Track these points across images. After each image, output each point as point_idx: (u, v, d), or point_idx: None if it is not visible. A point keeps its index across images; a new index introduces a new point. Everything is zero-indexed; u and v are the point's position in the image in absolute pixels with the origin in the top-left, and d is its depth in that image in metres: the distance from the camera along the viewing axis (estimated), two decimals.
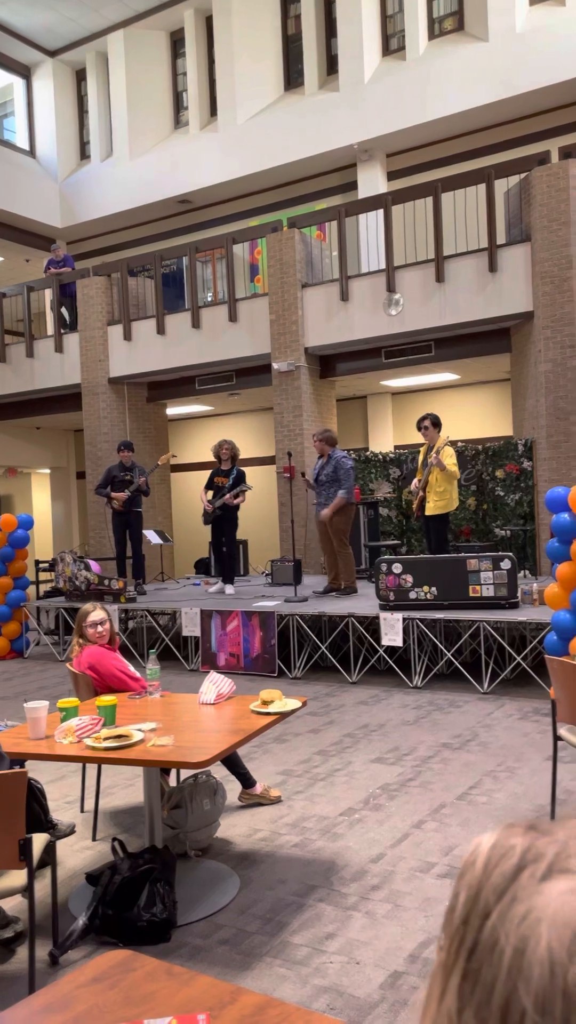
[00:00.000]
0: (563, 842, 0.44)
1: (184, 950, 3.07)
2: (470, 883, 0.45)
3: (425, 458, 7.93)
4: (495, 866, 0.44)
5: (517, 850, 0.44)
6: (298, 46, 13.16)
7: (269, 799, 4.50)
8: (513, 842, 0.45)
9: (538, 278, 8.86)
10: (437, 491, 7.75)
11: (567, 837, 0.45)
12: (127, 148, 14.39)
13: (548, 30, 10.71)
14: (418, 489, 7.92)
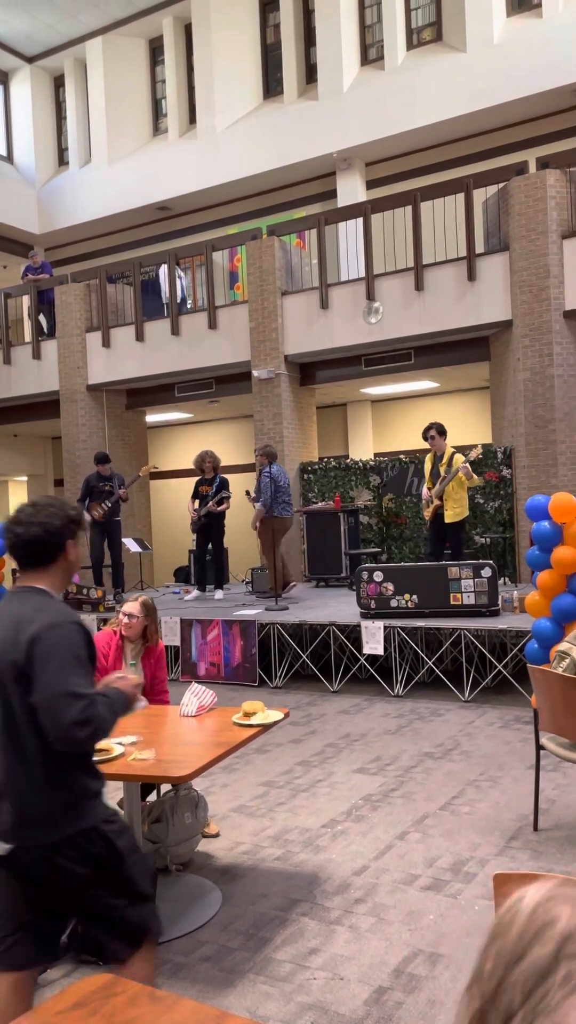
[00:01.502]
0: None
1: (166, 967, 3.02)
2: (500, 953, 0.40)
3: (434, 467, 8.00)
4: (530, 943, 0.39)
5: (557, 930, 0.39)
6: (277, 55, 13.18)
7: (208, 834, 4.18)
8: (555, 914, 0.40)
9: (516, 287, 8.92)
10: (455, 499, 7.88)
11: None
12: (105, 155, 14.34)
13: (525, 41, 10.81)
14: (432, 497, 7.97)
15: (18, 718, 2.08)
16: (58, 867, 2.09)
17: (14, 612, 2.15)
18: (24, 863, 2.11)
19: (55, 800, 2.10)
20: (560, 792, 4.60)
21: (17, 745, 2.09)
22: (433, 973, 2.89)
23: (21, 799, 2.09)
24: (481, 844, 3.96)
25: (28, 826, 2.09)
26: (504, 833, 4.08)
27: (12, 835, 2.10)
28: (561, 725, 3.81)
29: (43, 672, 2.03)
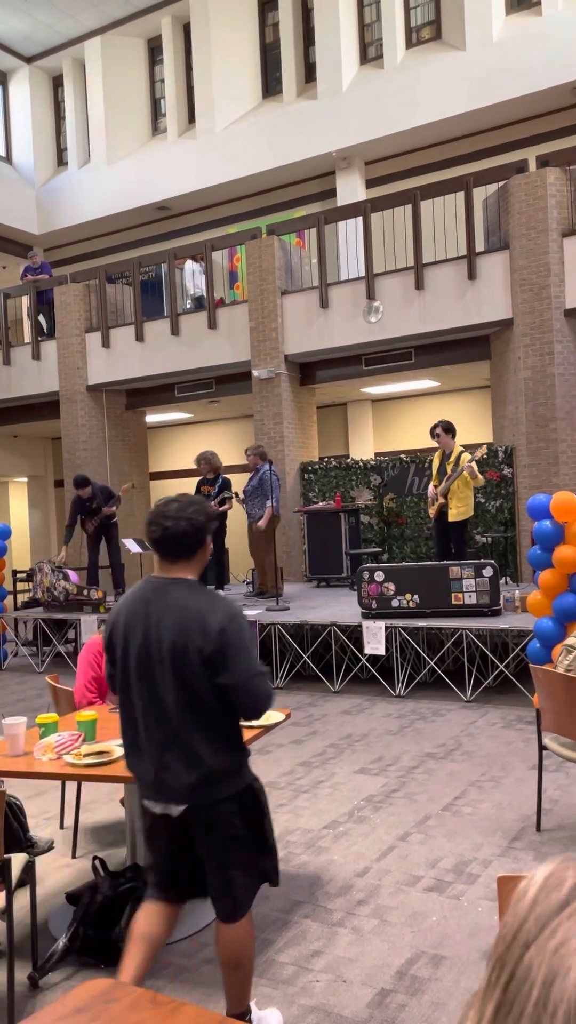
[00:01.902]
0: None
1: (168, 970, 3.01)
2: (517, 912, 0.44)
3: (442, 465, 7.96)
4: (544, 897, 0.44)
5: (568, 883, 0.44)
6: (276, 54, 13.17)
7: None
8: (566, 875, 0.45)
9: (517, 286, 8.90)
10: (460, 497, 7.82)
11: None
12: (104, 155, 14.32)
13: (525, 39, 10.80)
14: (437, 495, 7.95)
15: (201, 694, 2.34)
16: (217, 821, 2.40)
17: (180, 601, 2.39)
18: (189, 820, 2.41)
19: (227, 762, 2.40)
20: (563, 792, 4.58)
21: (199, 717, 2.36)
22: (436, 975, 2.87)
23: (200, 763, 2.36)
24: (484, 845, 3.94)
25: (205, 786, 2.37)
26: (507, 834, 4.06)
27: (187, 795, 2.38)
28: (564, 725, 3.79)
29: (236, 658, 2.32)
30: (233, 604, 2.44)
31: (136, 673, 2.40)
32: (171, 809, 2.41)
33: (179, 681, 2.34)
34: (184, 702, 2.35)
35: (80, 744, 3.29)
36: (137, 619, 2.41)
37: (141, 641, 2.39)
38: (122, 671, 2.44)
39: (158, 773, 2.39)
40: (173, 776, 2.37)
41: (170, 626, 2.35)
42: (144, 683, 2.39)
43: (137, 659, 2.40)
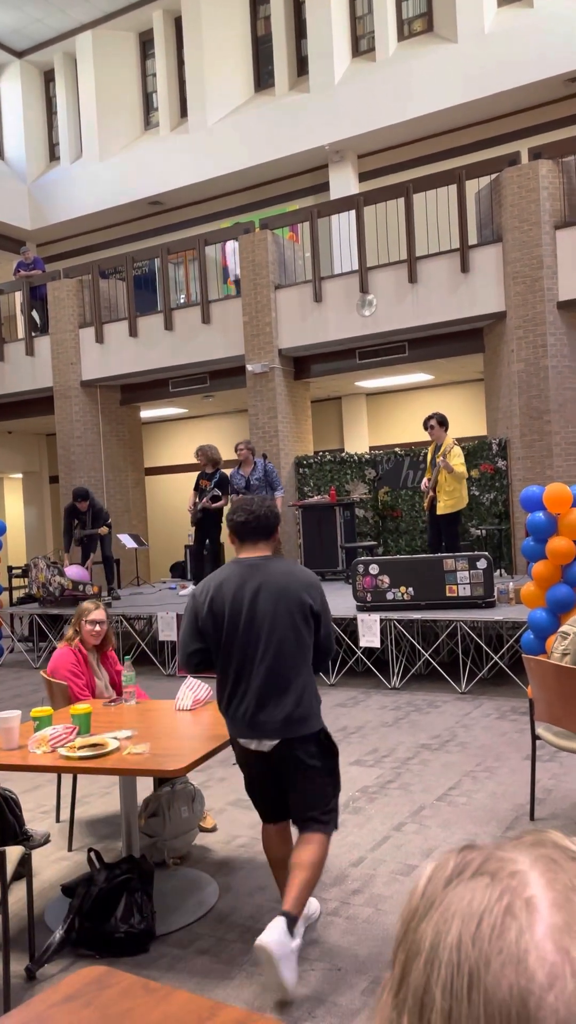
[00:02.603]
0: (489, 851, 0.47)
1: (163, 961, 3.02)
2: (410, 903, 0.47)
3: (433, 457, 7.97)
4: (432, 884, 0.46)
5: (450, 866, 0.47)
6: (268, 47, 13.13)
7: (204, 828, 4.17)
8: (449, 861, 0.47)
9: (510, 278, 8.90)
10: (447, 490, 7.82)
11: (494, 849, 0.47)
12: (97, 149, 14.28)
13: (516, 32, 10.78)
14: (428, 488, 7.96)
15: (305, 644, 2.86)
16: (299, 760, 2.84)
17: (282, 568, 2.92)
18: (277, 755, 2.85)
19: (313, 704, 2.88)
20: (556, 781, 4.61)
21: (300, 665, 2.85)
22: None
23: (296, 702, 2.82)
24: (478, 834, 3.96)
25: (295, 723, 2.82)
26: (501, 823, 4.08)
27: (281, 731, 2.82)
28: (557, 714, 3.82)
29: (326, 615, 2.94)
30: None
31: (244, 632, 2.84)
32: (263, 744, 2.85)
33: (292, 633, 2.84)
34: (291, 652, 2.83)
35: (74, 737, 3.30)
36: (243, 591, 2.86)
37: (251, 607, 2.84)
38: (228, 632, 2.86)
39: (256, 714, 2.83)
40: (268, 715, 2.81)
41: (280, 589, 2.84)
42: (255, 639, 2.83)
43: (247, 621, 2.84)
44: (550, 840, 0.47)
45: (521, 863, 0.45)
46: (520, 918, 0.41)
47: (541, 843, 0.47)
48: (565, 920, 0.41)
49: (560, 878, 0.43)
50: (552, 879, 0.43)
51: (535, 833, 0.49)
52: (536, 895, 0.42)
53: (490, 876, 0.44)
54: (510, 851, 0.46)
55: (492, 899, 0.43)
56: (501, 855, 0.46)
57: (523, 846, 0.47)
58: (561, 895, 0.42)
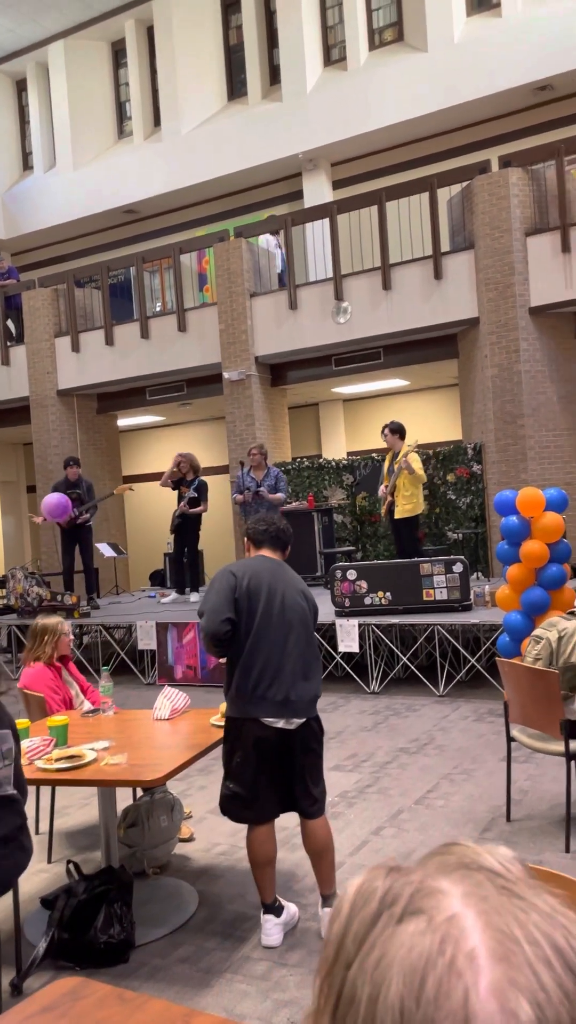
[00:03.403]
0: (419, 882, 0.45)
1: (143, 970, 3.04)
2: (336, 932, 0.45)
3: (391, 464, 8.04)
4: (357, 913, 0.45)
5: (377, 895, 0.45)
6: (240, 56, 13.20)
7: (182, 838, 4.15)
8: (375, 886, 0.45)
9: (482, 285, 9.00)
10: (404, 495, 7.89)
11: (423, 876, 0.45)
12: (70, 158, 14.27)
13: (486, 40, 10.91)
14: (386, 494, 8.03)
15: (311, 636, 3.26)
16: (311, 735, 3.16)
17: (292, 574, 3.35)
18: (299, 734, 3.12)
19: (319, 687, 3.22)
20: (532, 782, 4.66)
21: (315, 653, 3.25)
22: None
23: (316, 686, 3.18)
24: (455, 837, 4.00)
25: (313, 704, 3.16)
26: (478, 825, 4.13)
27: (306, 710, 3.13)
28: (530, 716, 3.87)
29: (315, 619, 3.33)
30: None
31: (278, 619, 3.14)
32: (292, 723, 3.10)
33: (308, 625, 3.23)
34: (309, 641, 3.22)
35: (52, 749, 3.31)
36: (276, 580, 3.21)
37: (284, 595, 3.18)
38: (263, 616, 3.12)
39: (289, 694, 3.08)
40: (299, 695, 3.10)
41: (295, 590, 3.23)
42: (288, 625, 3.15)
43: (280, 607, 3.15)
44: (474, 862, 0.47)
45: (453, 898, 0.43)
46: (465, 976, 0.40)
47: (466, 867, 0.46)
48: (505, 973, 0.40)
49: (495, 920, 0.42)
50: (488, 922, 0.42)
51: (457, 850, 0.48)
52: (476, 946, 0.41)
53: (426, 919, 0.43)
54: (438, 877, 0.45)
55: (433, 952, 0.41)
56: (431, 885, 0.44)
57: (449, 869, 0.46)
58: (499, 943, 0.41)
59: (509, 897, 0.44)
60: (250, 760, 3.11)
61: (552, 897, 0.45)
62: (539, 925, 0.42)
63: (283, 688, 3.08)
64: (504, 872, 0.46)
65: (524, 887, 0.45)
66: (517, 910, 0.43)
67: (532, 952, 0.40)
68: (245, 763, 3.12)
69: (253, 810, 3.14)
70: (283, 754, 3.13)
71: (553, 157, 8.79)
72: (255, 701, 3.10)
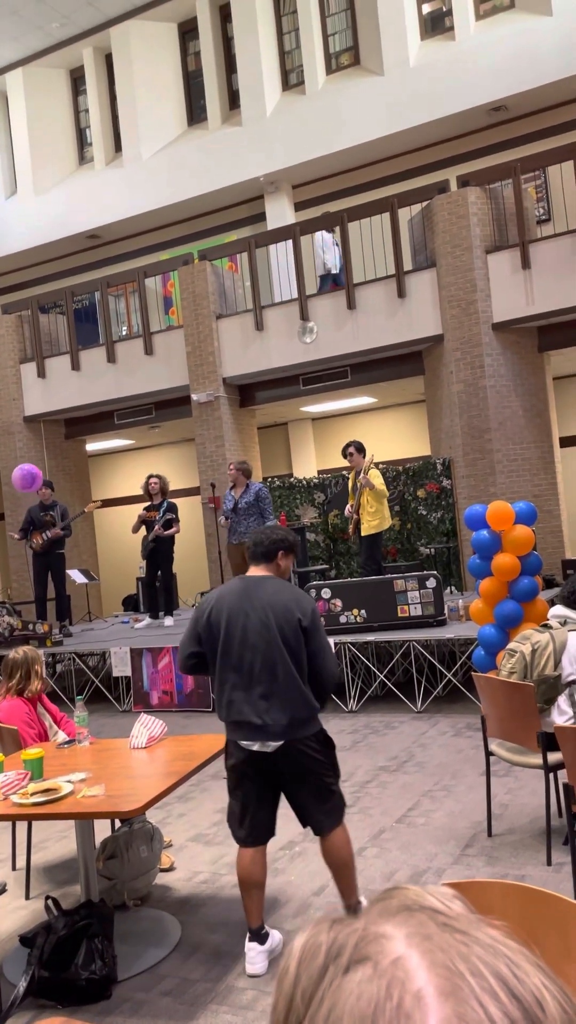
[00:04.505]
0: (363, 930, 0.45)
1: (126, 1006, 2.98)
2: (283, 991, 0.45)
3: (355, 483, 8.08)
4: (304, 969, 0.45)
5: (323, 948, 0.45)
6: (199, 82, 13.32)
7: (162, 867, 4.09)
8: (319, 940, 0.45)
9: (445, 302, 9.12)
10: (369, 511, 7.93)
11: (366, 923, 0.45)
12: (32, 185, 14.26)
13: (440, 63, 11.12)
14: (352, 513, 8.07)
15: (298, 656, 3.08)
16: (304, 756, 3.07)
17: (277, 587, 3.16)
18: (281, 756, 3.06)
19: (310, 708, 3.09)
20: (512, 796, 4.67)
21: (295, 672, 3.07)
22: None
23: (294, 707, 3.05)
24: (437, 854, 4.00)
25: (296, 726, 3.06)
26: (459, 841, 4.13)
27: (284, 733, 3.04)
28: (507, 730, 3.89)
29: (319, 634, 3.12)
30: None
31: (240, 645, 3.09)
32: (268, 746, 3.06)
33: (286, 646, 3.06)
34: (285, 662, 3.06)
35: (27, 783, 3.25)
36: (241, 604, 3.13)
37: (246, 619, 3.09)
38: (225, 641, 3.11)
39: (261, 716, 3.05)
40: (273, 719, 3.04)
41: (272, 604, 3.09)
42: (252, 649, 3.07)
43: (242, 632, 3.09)
44: (415, 903, 0.47)
45: (397, 941, 0.43)
46: (414, 1018, 0.40)
47: (407, 908, 0.46)
48: (454, 1009, 0.40)
49: (439, 958, 0.42)
50: (432, 961, 0.42)
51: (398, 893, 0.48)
52: (423, 987, 0.41)
53: (372, 965, 0.42)
54: (380, 923, 0.45)
55: (381, 997, 0.41)
56: (374, 931, 0.44)
57: (391, 914, 0.46)
58: (446, 980, 0.41)
59: (451, 933, 0.44)
60: (236, 780, 3.16)
61: (493, 929, 0.45)
62: (482, 957, 0.42)
63: (254, 711, 3.06)
64: (444, 909, 0.46)
65: (465, 922, 0.45)
66: (460, 944, 0.43)
67: (477, 984, 0.41)
68: (234, 783, 3.18)
69: (243, 829, 3.14)
70: (271, 775, 3.11)
71: (510, 176, 8.97)
72: (230, 725, 3.15)
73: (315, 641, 3.10)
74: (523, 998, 0.41)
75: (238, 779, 3.15)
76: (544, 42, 10.47)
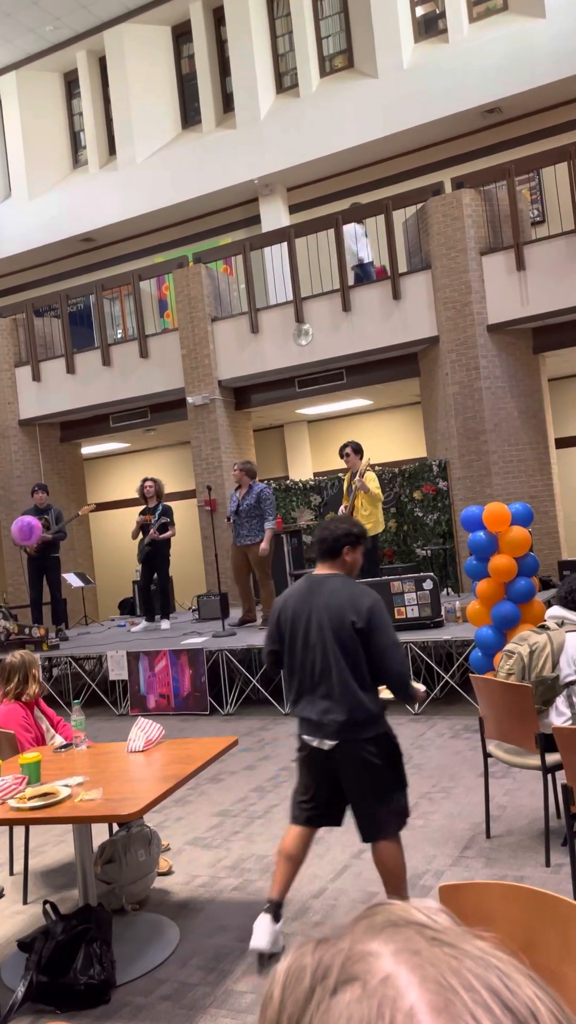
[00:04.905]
0: (348, 949, 0.44)
1: (125, 1010, 2.97)
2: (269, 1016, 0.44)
3: (349, 484, 8.06)
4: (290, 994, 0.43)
5: (308, 971, 0.44)
6: (193, 85, 13.33)
7: (160, 871, 4.09)
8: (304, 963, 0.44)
9: (440, 304, 9.13)
10: (363, 514, 7.88)
11: (352, 942, 0.44)
12: (26, 188, 14.26)
13: (434, 65, 11.15)
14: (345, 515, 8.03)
15: (353, 657, 3.04)
16: (363, 759, 3.05)
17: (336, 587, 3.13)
18: (339, 755, 3.07)
19: (366, 711, 3.04)
20: (510, 798, 4.67)
21: (350, 674, 3.04)
22: None
23: (349, 709, 3.03)
24: (436, 856, 3.99)
25: (350, 727, 3.04)
26: (458, 843, 4.12)
27: (338, 733, 3.05)
28: (505, 731, 3.89)
29: (379, 634, 3.04)
30: (374, 592, 3.16)
31: (302, 645, 3.13)
32: (324, 744, 3.08)
33: (340, 648, 3.04)
34: (343, 662, 3.04)
35: (24, 787, 3.24)
36: (304, 603, 3.16)
37: (307, 620, 3.12)
38: (290, 641, 3.18)
39: (320, 715, 3.08)
40: (330, 717, 3.05)
41: (330, 606, 3.08)
42: (312, 650, 3.11)
43: (304, 633, 3.13)
44: (401, 918, 0.46)
45: (384, 959, 0.42)
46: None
47: (394, 924, 0.45)
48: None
49: (429, 973, 0.41)
50: (423, 976, 0.41)
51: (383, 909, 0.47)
52: (414, 1004, 0.40)
53: (360, 985, 0.41)
54: (366, 941, 0.44)
55: (372, 1017, 0.40)
56: (360, 949, 0.43)
57: (377, 930, 0.45)
58: (438, 996, 0.40)
59: (440, 947, 0.43)
60: (301, 769, 3.27)
61: (482, 941, 0.44)
62: (473, 970, 0.42)
63: (314, 709, 3.11)
64: (431, 923, 0.46)
65: (454, 935, 0.44)
66: (450, 958, 0.42)
67: (470, 999, 0.40)
68: (299, 770, 3.29)
69: (295, 808, 3.25)
70: (331, 771, 3.15)
71: (504, 178, 8.98)
72: (297, 719, 3.24)
73: (374, 642, 3.03)
74: (517, 1010, 0.40)
75: (302, 768, 3.25)
76: (538, 44, 10.50)
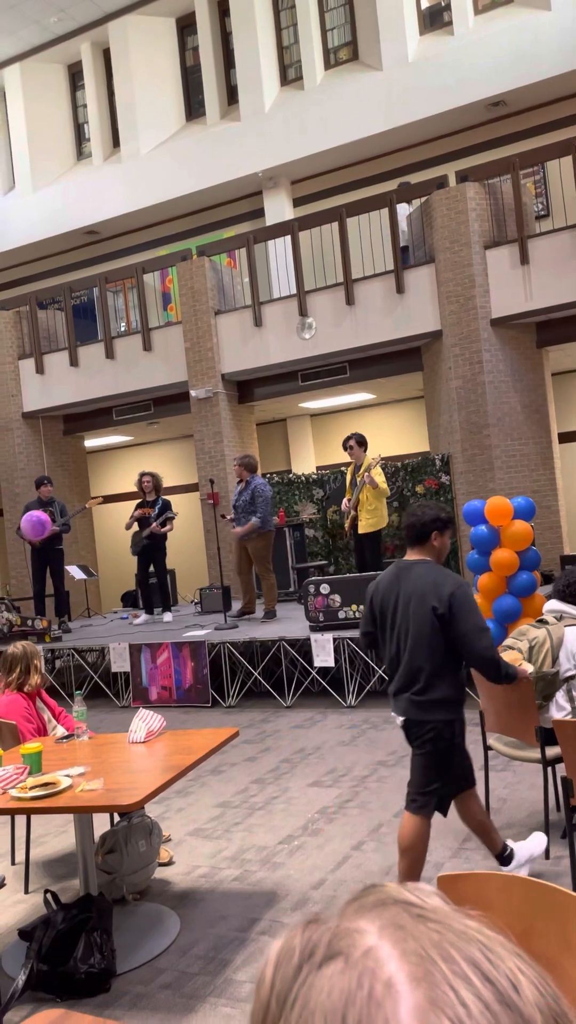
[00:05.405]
0: (336, 927, 0.45)
1: (125, 999, 2.99)
2: (260, 998, 0.45)
3: (353, 477, 8.02)
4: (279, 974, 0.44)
5: (296, 950, 0.45)
6: (197, 77, 13.29)
7: (161, 861, 4.11)
8: (293, 944, 0.45)
9: (444, 298, 9.11)
10: (368, 509, 7.85)
11: (340, 920, 0.45)
12: (30, 181, 14.24)
13: (438, 58, 11.10)
14: (349, 508, 8.01)
15: (430, 641, 3.17)
16: (417, 737, 3.24)
17: (420, 573, 3.24)
18: (406, 732, 3.29)
19: (438, 695, 3.19)
20: (510, 791, 4.68)
21: (426, 658, 3.18)
22: None
23: (420, 689, 3.19)
24: (436, 848, 4.00)
25: (415, 707, 3.21)
26: (457, 835, 4.13)
27: (406, 711, 3.23)
28: (505, 724, 3.89)
29: (460, 619, 3.12)
30: (462, 579, 3.24)
31: (390, 628, 3.30)
32: (397, 719, 3.31)
33: (422, 632, 3.18)
34: (418, 646, 3.19)
35: (25, 777, 3.26)
36: (391, 590, 3.30)
37: (395, 605, 3.27)
38: (380, 626, 3.36)
39: (396, 692, 3.28)
40: (403, 696, 3.25)
41: (414, 592, 3.20)
42: (397, 633, 3.27)
43: (392, 617, 3.29)
44: (390, 897, 0.47)
45: (369, 935, 0.43)
46: (385, 1006, 0.40)
47: (382, 903, 0.46)
48: (425, 994, 0.40)
49: (411, 946, 0.42)
50: (404, 949, 0.42)
51: (375, 891, 0.48)
52: (393, 973, 0.41)
53: (344, 958, 0.42)
54: (355, 919, 0.45)
55: (352, 987, 0.41)
56: (347, 927, 0.44)
57: (366, 909, 0.46)
58: (417, 966, 0.41)
59: (425, 923, 0.44)
60: None
61: (470, 920, 0.45)
62: (454, 943, 0.42)
63: (394, 686, 3.31)
64: (420, 903, 0.46)
65: (442, 914, 0.45)
66: (432, 932, 0.43)
67: (449, 969, 0.41)
68: None
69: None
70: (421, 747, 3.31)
71: (508, 171, 8.95)
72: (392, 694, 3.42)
73: (456, 627, 3.13)
74: (497, 981, 0.40)
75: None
76: (543, 37, 10.45)
